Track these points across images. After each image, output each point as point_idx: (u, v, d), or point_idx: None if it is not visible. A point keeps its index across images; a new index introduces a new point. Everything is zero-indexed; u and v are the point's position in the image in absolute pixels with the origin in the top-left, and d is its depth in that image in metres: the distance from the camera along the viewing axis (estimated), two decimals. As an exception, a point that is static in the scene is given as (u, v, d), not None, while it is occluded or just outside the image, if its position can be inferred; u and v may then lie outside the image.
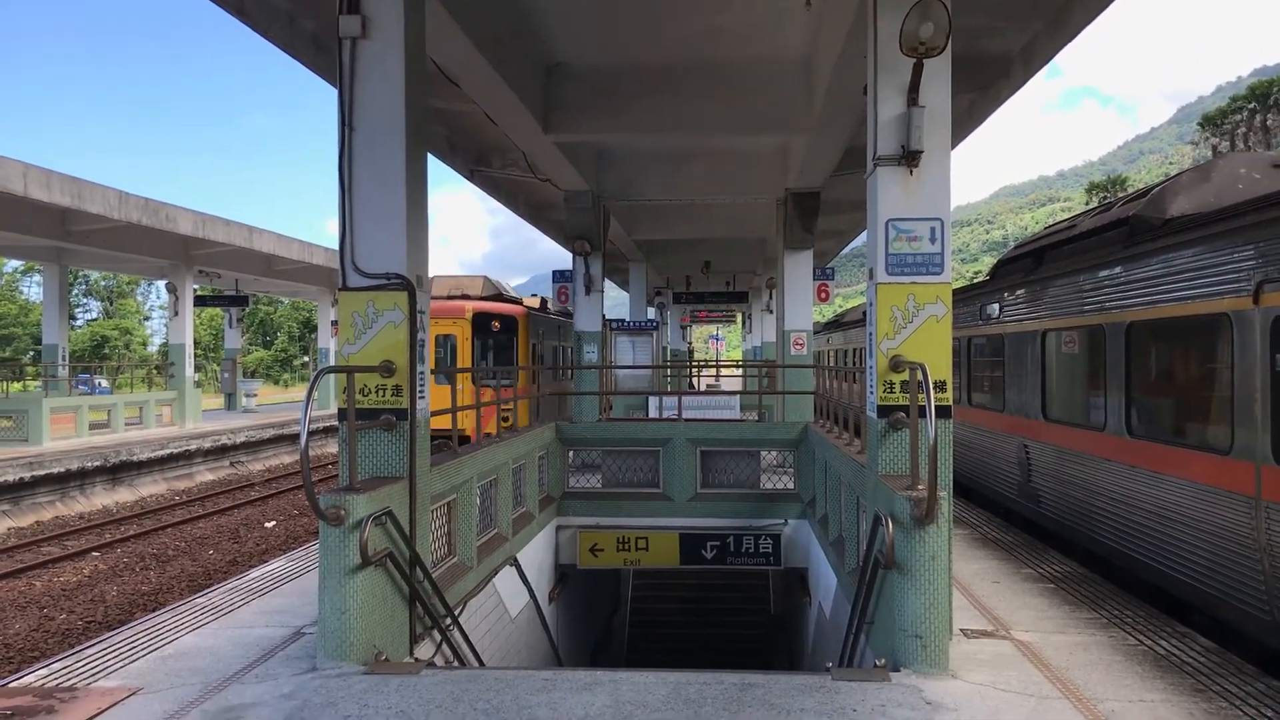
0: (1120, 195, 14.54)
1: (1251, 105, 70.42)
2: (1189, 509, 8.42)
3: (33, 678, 6.73)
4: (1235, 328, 7.68)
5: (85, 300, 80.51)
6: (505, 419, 14.91)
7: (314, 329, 61.02)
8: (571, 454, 15.34)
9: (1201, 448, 8.35)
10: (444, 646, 8.44)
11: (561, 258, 29.18)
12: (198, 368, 44.20)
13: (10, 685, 6.58)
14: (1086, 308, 10.81)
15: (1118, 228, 10.59)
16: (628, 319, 29.04)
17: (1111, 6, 10.70)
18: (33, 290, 71.76)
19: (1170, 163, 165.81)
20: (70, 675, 6.76)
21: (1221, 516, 7.85)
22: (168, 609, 8.72)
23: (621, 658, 19.11)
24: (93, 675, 6.75)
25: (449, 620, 8.62)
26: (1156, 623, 7.96)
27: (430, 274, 8.84)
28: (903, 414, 7.50)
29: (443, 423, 10.41)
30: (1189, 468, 8.47)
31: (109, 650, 7.35)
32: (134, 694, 6.37)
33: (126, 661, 7.07)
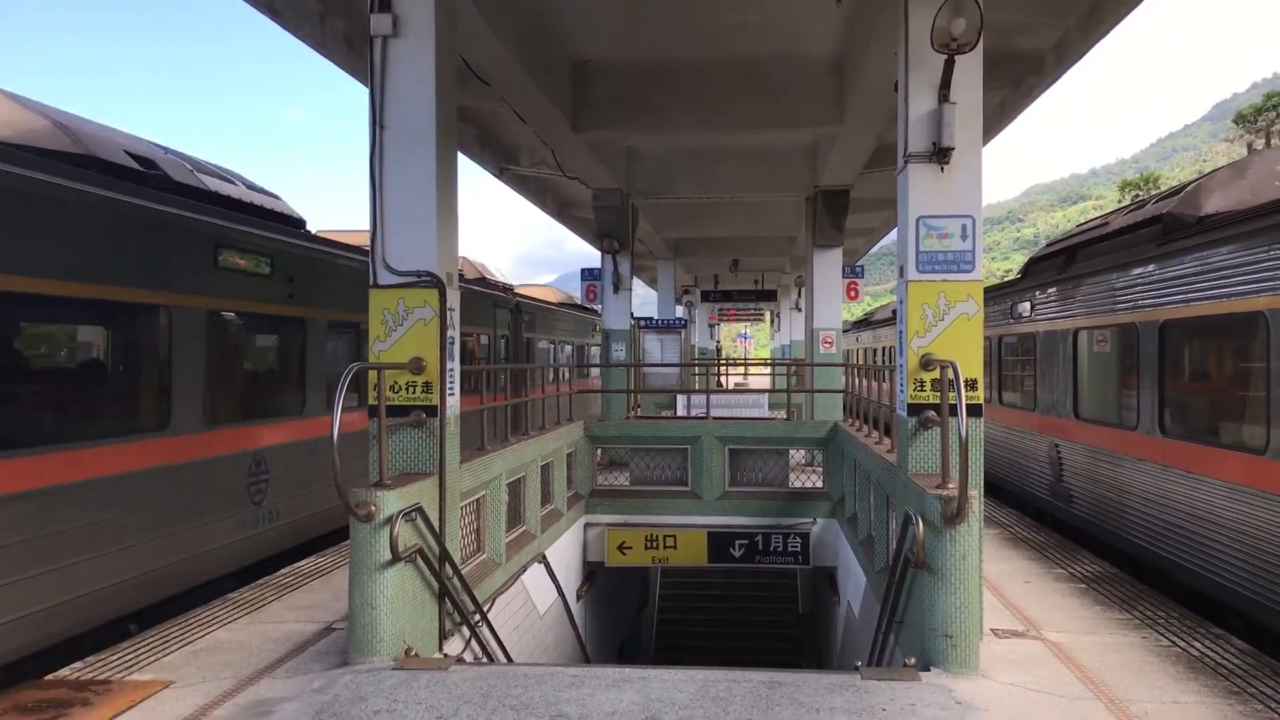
0: (1153, 193, 14.38)
1: (1287, 102, 69.46)
2: (1223, 509, 8.33)
3: (67, 671, 6.81)
4: (1271, 326, 7.59)
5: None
6: None
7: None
8: (600, 452, 15.37)
9: (1236, 447, 8.26)
10: (473, 643, 8.47)
11: (590, 256, 29.16)
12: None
13: (46, 679, 6.67)
14: (1119, 306, 10.71)
15: (1151, 225, 10.50)
16: (656, 317, 29.04)
17: (1146, 2, 10.59)
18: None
19: (1204, 160, 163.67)
20: (104, 669, 6.84)
21: (1257, 517, 7.76)
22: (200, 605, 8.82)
23: (649, 655, 19.15)
24: (126, 669, 6.83)
25: (478, 616, 8.65)
26: (1190, 624, 7.87)
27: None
28: (933, 412, 7.46)
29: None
30: (1223, 468, 8.38)
31: (142, 644, 7.43)
32: (167, 687, 6.45)
33: (159, 655, 7.15)
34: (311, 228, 12.94)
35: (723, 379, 37.43)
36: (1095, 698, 6.17)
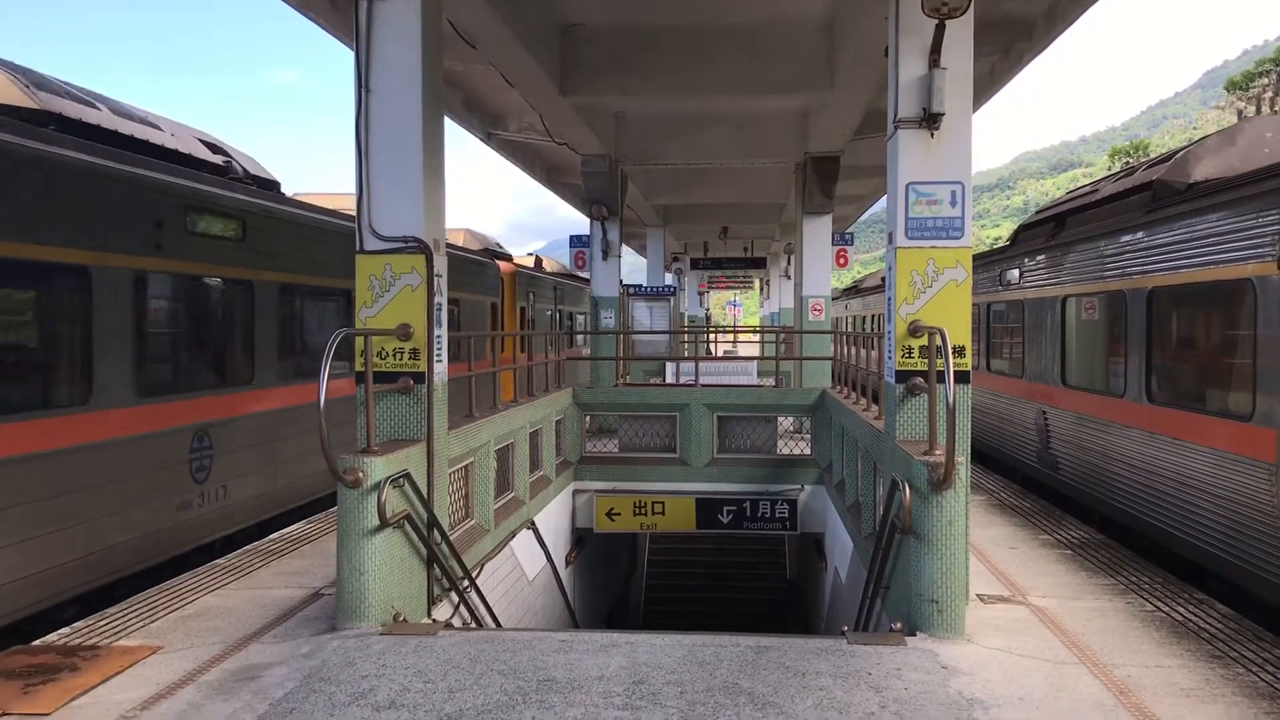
0: (1143, 160, 14.35)
1: (1278, 69, 69.44)
2: (1209, 476, 8.37)
3: (55, 636, 6.81)
4: (1259, 293, 7.60)
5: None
6: None
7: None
8: (589, 419, 15.38)
9: (1222, 414, 8.29)
10: (461, 608, 8.50)
11: (578, 223, 29.03)
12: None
13: (34, 644, 6.67)
14: (1108, 273, 10.71)
15: (1141, 192, 10.49)
16: (645, 284, 28.95)
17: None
18: None
19: (1194, 128, 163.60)
20: (92, 635, 6.83)
21: (1241, 483, 7.80)
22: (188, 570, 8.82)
23: (637, 621, 19.27)
24: (114, 635, 6.83)
25: (466, 582, 8.67)
26: (1174, 589, 7.93)
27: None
28: (921, 379, 7.45)
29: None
30: (1209, 434, 8.42)
31: (130, 610, 7.43)
32: (155, 652, 6.45)
33: (147, 621, 7.15)
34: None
35: (712, 346, 37.40)
36: (1080, 662, 6.22)
